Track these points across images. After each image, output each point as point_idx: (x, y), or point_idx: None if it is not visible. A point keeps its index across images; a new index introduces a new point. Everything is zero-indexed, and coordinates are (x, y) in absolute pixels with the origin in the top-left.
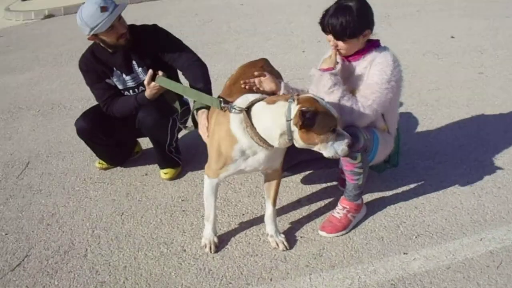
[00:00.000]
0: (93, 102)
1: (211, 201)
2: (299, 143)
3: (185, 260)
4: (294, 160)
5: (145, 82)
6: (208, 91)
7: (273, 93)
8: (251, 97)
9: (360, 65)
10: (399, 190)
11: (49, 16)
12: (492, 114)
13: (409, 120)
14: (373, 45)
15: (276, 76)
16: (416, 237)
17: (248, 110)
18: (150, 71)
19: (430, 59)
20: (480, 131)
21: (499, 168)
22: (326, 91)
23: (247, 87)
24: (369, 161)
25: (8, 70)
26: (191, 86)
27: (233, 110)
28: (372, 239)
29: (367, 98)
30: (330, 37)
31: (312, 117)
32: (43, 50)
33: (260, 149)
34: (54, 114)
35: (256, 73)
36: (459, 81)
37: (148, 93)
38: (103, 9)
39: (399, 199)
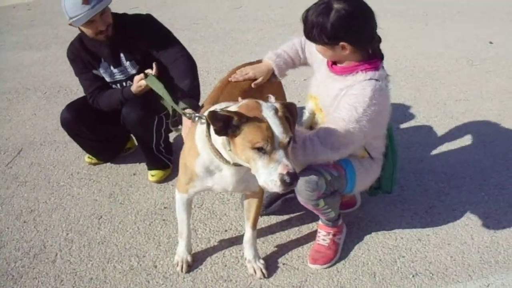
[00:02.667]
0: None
1: (183, 218)
2: (235, 157)
3: (154, 278)
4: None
5: (135, 78)
6: (195, 88)
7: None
8: (224, 105)
9: (339, 84)
10: (404, 216)
11: None
12: None
13: (429, 134)
14: (363, 66)
15: (276, 81)
16: (413, 276)
17: None
18: (143, 74)
19: (463, 65)
20: (508, 153)
21: None
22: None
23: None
24: (350, 191)
25: (27, 47)
26: (178, 82)
27: (196, 119)
28: (362, 274)
29: (330, 133)
30: None
31: (226, 122)
32: (64, 27)
33: (224, 165)
34: (59, 98)
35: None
36: (491, 92)
37: (134, 88)
38: (86, 1)
39: (401, 228)
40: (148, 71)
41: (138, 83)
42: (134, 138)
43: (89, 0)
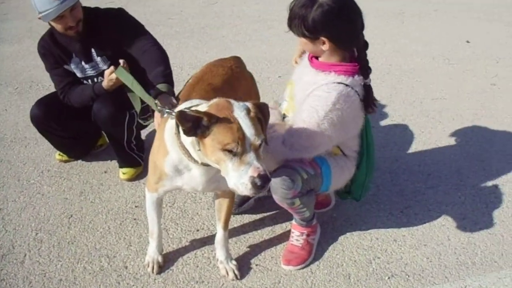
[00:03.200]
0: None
1: (153, 217)
2: (205, 158)
3: (124, 279)
4: None
5: (106, 72)
6: (169, 75)
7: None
8: (196, 102)
9: (312, 77)
10: (379, 216)
11: None
12: (500, 134)
13: (405, 132)
14: (339, 68)
15: (245, 81)
16: (389, 278)
17: None
18: (112, 67)
19: (440, 63)
20: (483, 153)
21: (499, 200)
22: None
23: None
24: (324, 191)
25: None
26: (150, 71)
27: (165, 115)
28: (337, 275)
29: (292, 135)
30: None
31: (195, 122)
32: (38, 21)
33: (193, 165)
34: (31, 93)
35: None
36: (468, 91)
37: (105, 83)
38: None
39: (377, 228)
40: (120, 61)
41: (109, 77)
42: (105, 135)
43: None
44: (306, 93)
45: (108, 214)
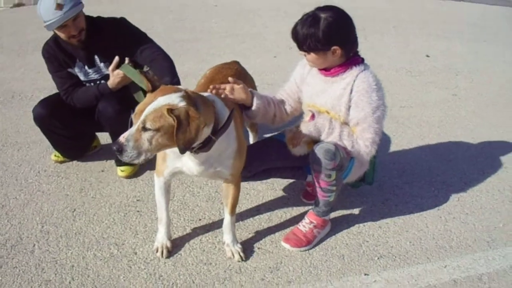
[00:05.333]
0: (55, 92)
1: (162, 202)
2: None
3: (135, 264)
4: (262, 166)
5: (110, 68)
6: (177, 84)
7: (244, 104)
8: (212, 98)
9: (338, 84)
10: (364, 207)
11: (19, 4)
12: (464, 137)
13: None
14: (353, 62)
15: (250, 81)
16: (378, 258)
17: None
18: (117, 58)
19: (403, 76)
20: (450, 154)
21: (468, 194)
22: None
23: (213, 92)
24: (343, 179)
25: None
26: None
27: None
28: (332, 256)
29: (368, 132)
30: None
31: None
32: (8, 38)
33: None
34: (14, 103)
35: (230, 79)
36: (432, 101)
37: (111, 81)
38: (58, 6)
39: (362, 217)
40: (126, 59)
41: (115, 72)
42: (97, 136)
43: (61, 6)
44: (344, 98)
45: (111, 208)
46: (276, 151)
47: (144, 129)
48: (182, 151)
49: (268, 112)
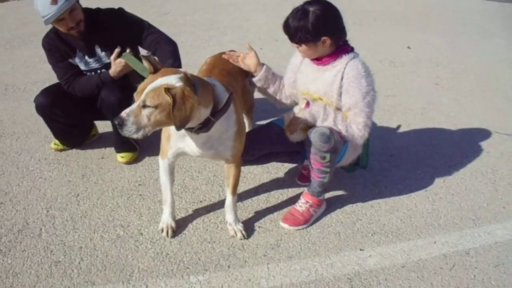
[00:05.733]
0: (48, 85)
1: (166, 184)
2: None
3: (142, 244)
4: (264, 150)
5: (112, 57)
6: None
7: (249, 73)
8: (214, 81)
9: (329, 72)
10: (356, 188)
11: (2, 0)
12: (446, 124)
13: None
14: (343, 51)
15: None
16: (372, 235)
17: None
18: (118, 48)
19: (386, 66)
20: (434, 139)
21: (453, 177)
22: (321, 118)
23: (225, 57)
24: (337, 163)
25: None
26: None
27: None
28: (329, 233)
29: (359, 116)
30: None
31: None
32: None
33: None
34: (7, 95)
35: (247, 46)
36: (415, 90)
37: (112, 70)
38: (53, 1)
39: (355, 197)
40: (127, 49)
41: (116, 61)
42: (95, 124)
43: (56, 0)
44: (336, 84)
45: (114, 192)
46: (276, 137)
47: (144, 106)
48: (178, 128)
49: (270, 86)
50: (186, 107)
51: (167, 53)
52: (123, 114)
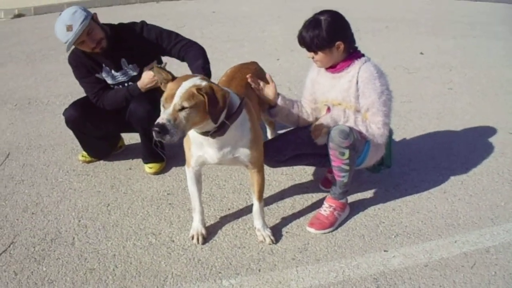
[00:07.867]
0: (71, 98)
1: (194, 192)
2: None
3: (174, 250)
4: (295, 151)
5: (144, 73)
6: (207, 69)
7: (268, 103)
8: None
9: (344, 78)
10: (377, 192)
11: (19, 15)
12: (462, 128)
13: None
14: (355, 56)
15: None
16: (395, 236)
17: None
18: (154, 62)
19: (401, 73)
20: (451, 143)
21: (470, 178)
22: (342, 121)
23: (250, 80)
24: (359, 164)
25: None
26: (190, 65)
27: None
28: (353, 236)
29: (377, 115)
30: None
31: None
32: (14, 48)
33: (201, 136)
34: (31, 108)
35: (267, 76)
36: (430, 95)
37: (141, 82)
38: (69, 28)
39: (377, 201)
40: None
41: (148, 74)
42: (122, 136)
43: (71, 27)
44: (351, 89)
45: (143, 201)
46: (307, 138)
47: (181, 108)
48: (215, 121)
49: (292, 113)
50: (219, 99)
51: (196, 55)
52: (161, 120)
